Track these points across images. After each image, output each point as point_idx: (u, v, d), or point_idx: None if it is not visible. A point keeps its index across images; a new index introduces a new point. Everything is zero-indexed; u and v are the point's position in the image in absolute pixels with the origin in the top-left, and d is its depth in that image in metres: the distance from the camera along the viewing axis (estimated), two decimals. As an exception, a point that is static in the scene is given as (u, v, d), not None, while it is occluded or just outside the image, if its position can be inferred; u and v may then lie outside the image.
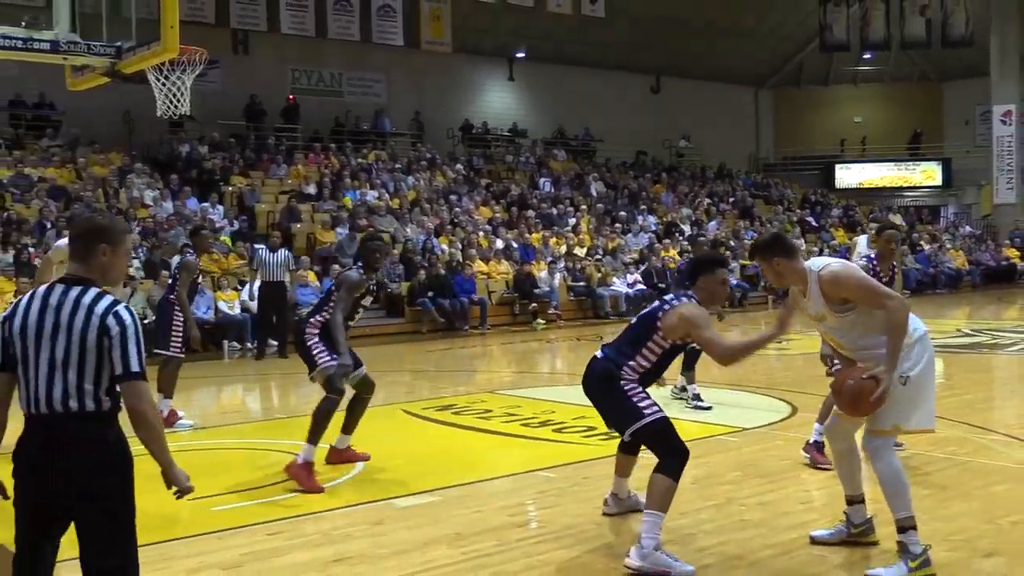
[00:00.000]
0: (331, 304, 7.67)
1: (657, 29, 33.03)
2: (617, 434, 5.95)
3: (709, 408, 9.94)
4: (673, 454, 5.47)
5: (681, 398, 10.36)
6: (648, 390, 5.74)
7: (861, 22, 35.72)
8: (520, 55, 33.16)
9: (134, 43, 7.72)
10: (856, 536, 5.64)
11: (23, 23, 7.75)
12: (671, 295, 5.83)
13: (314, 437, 7.36)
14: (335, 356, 7.51)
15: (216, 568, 5.49)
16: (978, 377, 12.82)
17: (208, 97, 24.47)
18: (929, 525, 5.90)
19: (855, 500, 5.67)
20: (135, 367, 3.61)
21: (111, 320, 3.61)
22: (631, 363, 5.66)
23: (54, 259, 8.48)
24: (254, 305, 16.62)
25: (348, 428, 7.98)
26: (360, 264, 7.84)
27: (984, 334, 17.49)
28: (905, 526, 5.17)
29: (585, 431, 9.06)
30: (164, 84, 8.18)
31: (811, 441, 7.48)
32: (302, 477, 7.21)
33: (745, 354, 5.60)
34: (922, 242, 31.09)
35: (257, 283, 16.30)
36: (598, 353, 5.89)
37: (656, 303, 5.84)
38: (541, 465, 7.77)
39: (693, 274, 5.84)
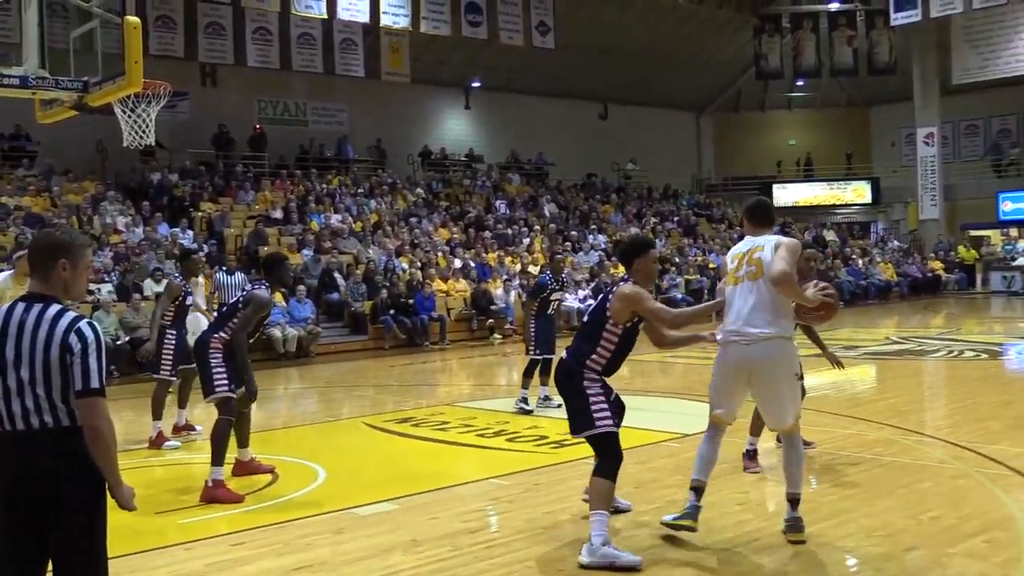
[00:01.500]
0: (235, 321, 7.54)
1: (604, 59, 33.26)
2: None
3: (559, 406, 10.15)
4: (612, 458, 5.62)
5: (546, 406, 10.65)
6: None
7: (794, 51, 36.24)
8: (475, 84, 33.26)
9: (100, 77, 7.66)
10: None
11: (-7, 59, 7.68)
12: (611, 286, 5.94)
13: (218, 459, 7.26)
14: (231, 382, 7.45)
15: (182, 578, 5.43)
16: (905, 382, 12.99)
17: (178, 127, 24.38)
18: (856, 522, 5.98)
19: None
20: (94, 383, 3.48)
21: (72, 337, 3.49)
22: (592, 357, 5.71)
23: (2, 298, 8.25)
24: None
25: (243, 442, 7.92)
26: (268, 283, 7.72)
27: (911, 341, 17.73)
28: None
29: (537, 440, 9.07)
30: (130, 116, 8.12)
31: (745, 450, 7.59)
32: (219, 495, 7.12)
33: (690, 320, 5.86)
34: (854, 256, 31.48)
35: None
36: (563, 354, 5.94)
37: (600, 297, 5.97)
38: (495, 473, 7.76)
39: (628, 259, 5.88)
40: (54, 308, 3.57)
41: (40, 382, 3.49)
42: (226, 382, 7.47)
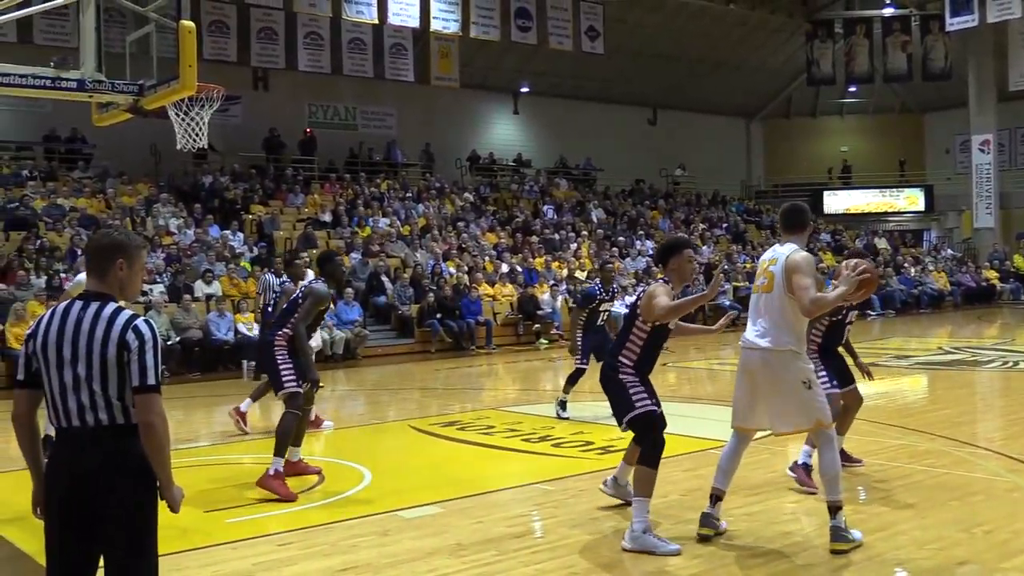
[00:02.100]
0: (296, 316, 7.74)
1: (653, 65, 33.15)
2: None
3: (567, 418, 10.42)
4: (652, 445, 5.86)
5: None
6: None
7: (846, 57, 35.85)
8: (524, 90, 33.29)
9: (155, 81, 7.76)
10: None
11: (52, 63, 7.80)
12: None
13: (280, 450, 7.43)
14: (298, 377, 7.63)
15: (229, 577, 5.48)
16: (958, 393, 12.76)
17: (230, 131, 24.68)
18: (907, 534, 5.88)
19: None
20: (151, 380, 3.51)
21: (130, 334, 3.52)
22: (624, 354, 5.98)
23: (72, 293, 8.42)
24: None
25: (296, 441, 8.00)
26: (325, 279, 7.93)
27: (964, 352, 17.42)
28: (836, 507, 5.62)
29: (582, 446, 9.03)
30: (183, 119, 8.22)
31: (799, 463, 7.24)
32: (275, 487, 7.25)
33: (678, 311, 5.87)
34: (906, 264, 31.02)
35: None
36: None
37: (635, 297, 6.17)
38: (540, 478, 7.74)
39: (664, 258, 6.16)
40: (111, 306, 3.61)
41: (97, 379, 3.52)
42: (293, 378, 7.65)
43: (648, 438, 5.88)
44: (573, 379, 10.73)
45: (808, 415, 5.73)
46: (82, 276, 8.87)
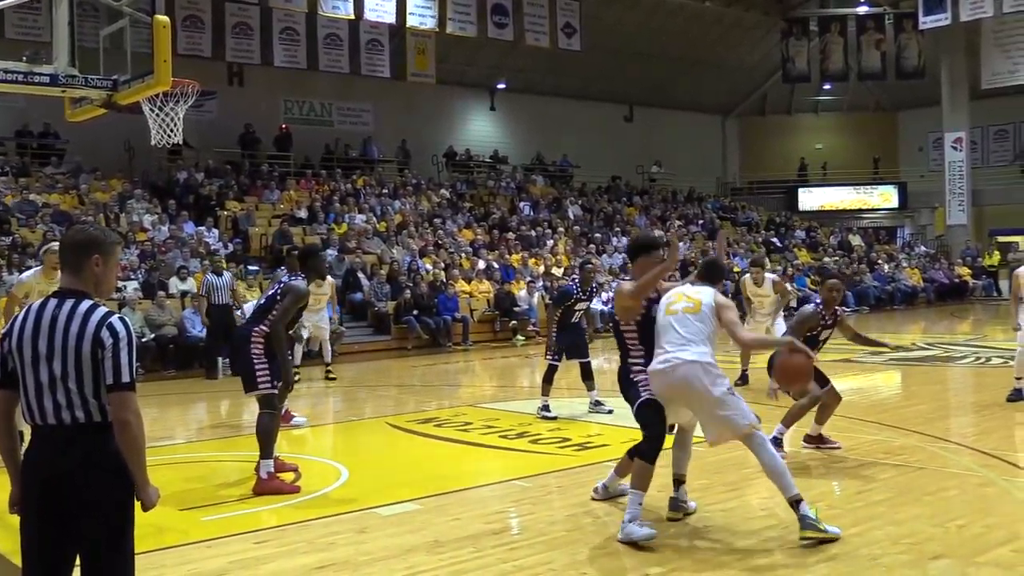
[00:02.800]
0: (274, 312, 7.60)
1: (630, 62, 33.23)
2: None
3: (555, 418, 10.34)
4: (649, 438, 5.97)
5: (598, 411, 10.60)
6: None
7: (821, 55, 36.08)
8: (501, 86, 33.28)
9: (129, 76, 7.70)
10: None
11: (24, 58, 7.72)
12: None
13: (267, 451, 7.38)
14: (273, 377, 7.54)
15: (205, 575, 5.44)
16: (932, 389, 12.87)
17: (205, 126, 24.50)
18: (882, 529, 5.92)
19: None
20: (125, 378, 3.49)
21: (105, 332, 3.50)
22: (630, 357, 6.17)
23: (18, 294, 8.38)
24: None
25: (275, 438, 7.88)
26: (304, 275, 7.91)
27: (938, 348, 17.57)
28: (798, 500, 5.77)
29: (560, 442, 9.04)
30: (158, 115, 8.16)
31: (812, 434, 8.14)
32: (274, 487, 7.24)
33: (644, 289, 6.03)
34: (880, 261, 31.26)
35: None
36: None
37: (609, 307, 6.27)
38: (517, 475, 7.75)
39: (636, 254, 6.31)
40: (86, 303, 3.58)
41: (72, 377, 3.50)
42: (268, 377, 7.55)
43: (646, 427, 5.98)
44: (548, 378, 10.69)
45: (738, 422, 5.85)
46: (26, 274, 8.80)
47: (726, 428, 5.89)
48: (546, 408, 10.56)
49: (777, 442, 7.69)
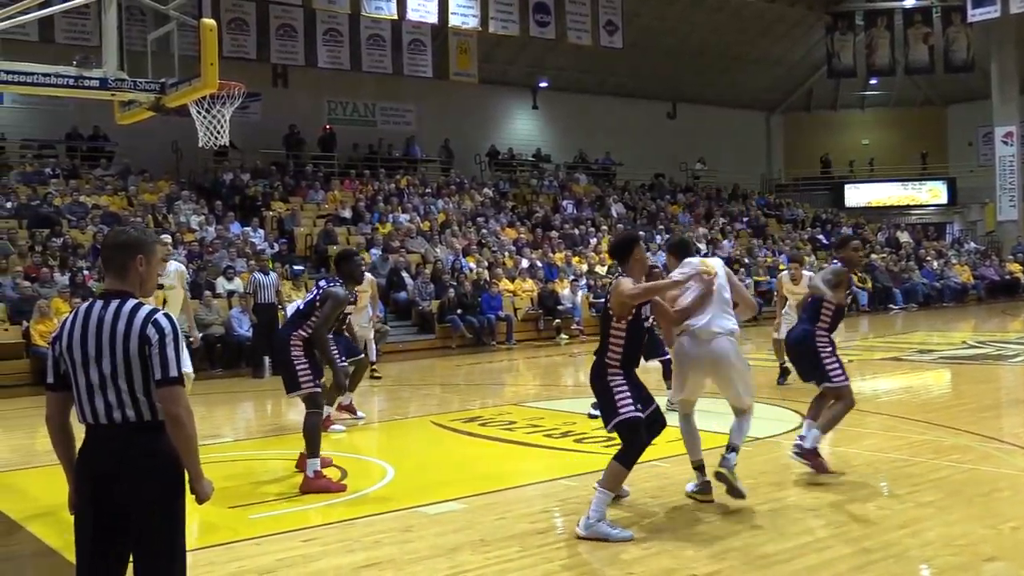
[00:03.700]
0: (314, 318, 7.74)
1: (672, 58, 33.06)
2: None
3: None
4: (633, 447, 6.00)
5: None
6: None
7: (867, 49, 35.62)
8: (543, 85, 33.25)
9: (177, 79, 7.79)
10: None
11: (74, 62, 7.84)
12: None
13: (314, 450, 7.46)
14: (315, 376, 7.66)
15: (253, 573, 5.49)
16: (983, 388, 12.65)
17: (250, 128, 24.73)
18: (933, 531, 5.84)
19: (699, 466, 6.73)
20: (173, 372, 3.55)
21: (150, 328, 3.55)
22: (608, 354, 6.12)
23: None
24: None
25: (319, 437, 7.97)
26: (341, 280, 8.02)
27: (989, 346, 17.28)
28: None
29: (605, 441, 8.97)
30: (205, 117, 8.25)
31: (807, 447, 7.31)
32: (320, 485, 7.31)
33: (647, 293, 6.15)
34: (928, 258, 30.83)
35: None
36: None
37: (603, 300, 6.42)
38: (562, 474, 7.74)
39: (623, 253, 6.29)
40: (131, 302, 3.64)
41: (122, 375, 3.55)
42: (311, 377, 7.66)
43: (629, 439, 6.00)
44: None
45: (750, 387, 6.76)
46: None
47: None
48: (595, 406, 10.50)
49: (815, 452, 7.32)
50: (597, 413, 10.36)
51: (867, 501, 6.61)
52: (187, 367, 8.46)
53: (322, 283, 8.13)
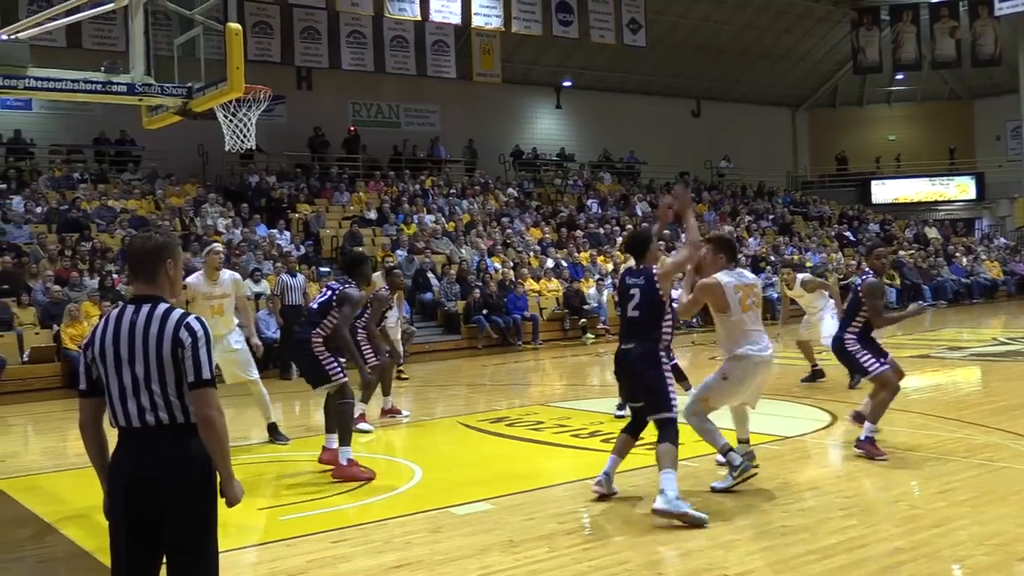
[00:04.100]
0: (332, 319, 8.04)
1: (696, 56, 32.97)
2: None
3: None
4: (676, 434, 6.42)
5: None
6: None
7: (893, 44, 35.35)
8: (567, 84, 33.22)
9: (203, 83, 7.83)
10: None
11: (102, 68, 7.90)
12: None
13: (346, 439, 7.85)
14: (341, 368, 8.01)
15: (284, 574, 5.51)
16: (1014, 385, 12.52)
17: (275, 130, 24.87)
18: (966, 530, 5.78)
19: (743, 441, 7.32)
20: (205, 375, 3.58)
21: (183, 331, 3.59)
22: (659, 344, 6.55)
23: (182, 299, 8.80)
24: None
25: (331, 428, 8.27)
26: (354, 282, 8.30)
27: (1020, 342, 17.11)
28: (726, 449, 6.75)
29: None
30: (231, 120, 8.30)
31: (862, 439, 7.81)
32: (352, 474, 7.61)
33: (675, 268, 6.75)
34: (957, 254, 30.56)
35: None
36: (624, 345, 6.69)
37: (642, 289, 6.63)
38: (591, 474, 7.68)
39: (642, 250, 6.75)
40: (162, 306, 3.67)
41: (155, 378, 3.58)
42: (337, 368, 7.98)
43: (672, 432, 6.39)
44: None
45: None
46: (191, 279, 9.08)
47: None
48: (620, 406, 10.48)
49: (871, 441, 7.80)
50: (623, 413, 10.36)
51: (899, 500, 6.56)
52: (254, 374, 8.62)
53: (333, 284, 8.32)
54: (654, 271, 6.57)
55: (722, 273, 6.90)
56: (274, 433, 9.62)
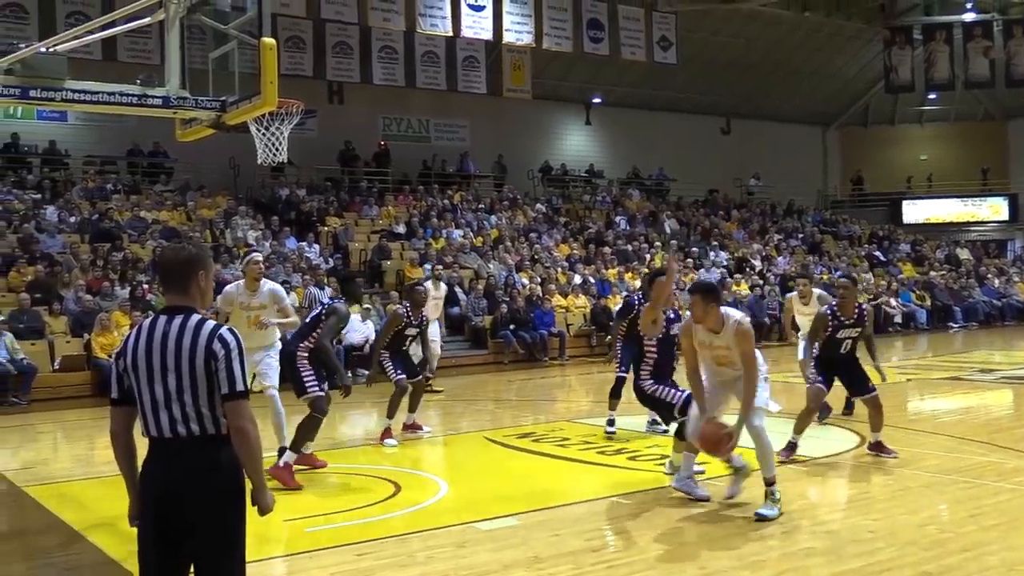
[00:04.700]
0: (318, 331, 8.56)
1: (727, 74, 32.89)
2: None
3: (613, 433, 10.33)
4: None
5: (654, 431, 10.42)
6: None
7: (926, 64, 35.11)
8: (596, 100, 33.24)
9: (237, 97, 7.88)
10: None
11: (138, 81, 7.98)
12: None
13: (296, 446, 8.33)
14: (319, 382, 8.52)
15: (309, 586, 5.54)
16: (1046, 408, 12.39)
17: (306, 144, 24.99)
18: (996, 555, 5.72)
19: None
20: (239, 386, 3.62)
21: (216, 343, 3.62)
22: (641, 371, 8.19)
23: (225, 308, 9.00)
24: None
25: (311, 436, 8.68)
26: (344, 299, 9.12)
27: (1052, 365, 16.90)
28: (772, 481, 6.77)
29: (659, 459, 8.95)
30: (264, 134, 8.35)
31: (872, 442, 8.69)
32: (284, 477, 7.97)
33: (655, 306, 7.96)
34: (989, 275, 30.26)
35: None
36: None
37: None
38: (616, 492, 7.70)
39: (651, 285, 8.48)
40: (195, 317, 3.71)
41: (187, 390, 3.61)
42: (315, 383, 8.49)
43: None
44: (616, 391, 10.53)
45: None
46: (230, 287, 9.15)
47: None
48: (610, 423, 10.41)
49: (880, 444, 8.63)
50: (612, 430, 10.23)
51: (927, 524, 6.50)
52: (267, 383, 8.66)
53: (325, 300, 8.63)
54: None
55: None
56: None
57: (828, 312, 8.89)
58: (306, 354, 8.52)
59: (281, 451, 8.54)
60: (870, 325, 9.05)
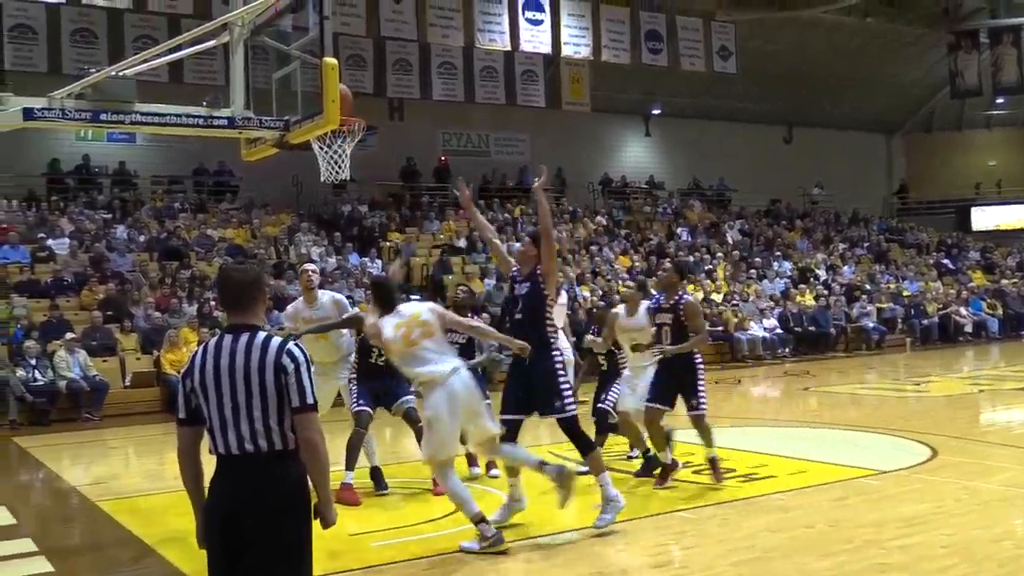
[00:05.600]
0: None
1: (787, 82, 32.54)
2: None
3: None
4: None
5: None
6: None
7: (993, 68, 34.40)
8: (656, 112, 33.11)
9: (300, 116, 7.99)
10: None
11: (204, 103, 8.14)
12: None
13: (350, 464, 8.32)
14: (360, 398, 8.53)
15: (375, 601, 5.56)
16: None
17: (367, 160, 25.19)
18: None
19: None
20: (309, 399, 3.67)
21: (285, 358, 3.67)
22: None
23: (291, 324, 9.01)
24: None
25: (350, 465, 8.55)
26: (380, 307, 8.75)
27: None
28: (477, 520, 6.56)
29: (724, 473, 8.84)
30: (327, 152, 8.44)
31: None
32: (345, 497, 7.98)
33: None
34: (1062, 282, 29.49)
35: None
36: None
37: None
38: (681, 506, 7.62)
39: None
40: (261, 335, 3.76)
41: (257, 405, 3.66)
42: (355, 398, 8.53)
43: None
44: None
45: None
46: (292, 306, 9.29)
47: None
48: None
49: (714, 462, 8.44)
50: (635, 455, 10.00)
51: (1003, 539, 6.34)
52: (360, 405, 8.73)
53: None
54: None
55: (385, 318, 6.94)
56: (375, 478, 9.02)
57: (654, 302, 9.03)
58: (352, 371, 8.67)
59: (372, 471, 8.75)
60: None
